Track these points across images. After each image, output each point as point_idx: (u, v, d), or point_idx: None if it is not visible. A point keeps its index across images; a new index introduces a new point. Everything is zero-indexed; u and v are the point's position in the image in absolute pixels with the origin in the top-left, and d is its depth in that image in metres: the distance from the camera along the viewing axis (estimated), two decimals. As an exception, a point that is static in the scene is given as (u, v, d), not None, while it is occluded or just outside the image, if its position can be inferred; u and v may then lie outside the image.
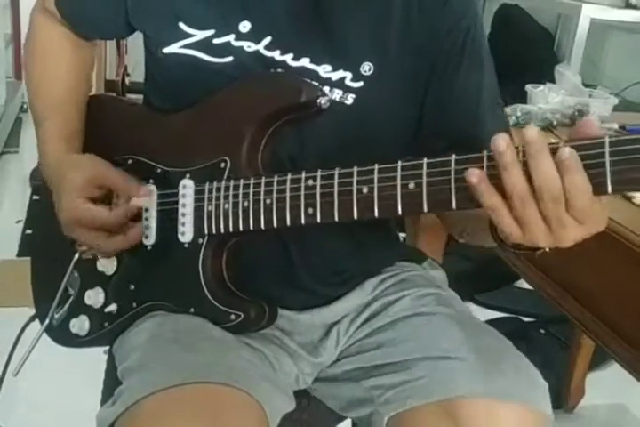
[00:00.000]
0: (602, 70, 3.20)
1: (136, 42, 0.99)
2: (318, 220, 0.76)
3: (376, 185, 0.72)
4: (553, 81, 1.77)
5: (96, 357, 0.99)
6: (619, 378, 1.15)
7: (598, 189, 0.61)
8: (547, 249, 0.71)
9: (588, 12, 2.68)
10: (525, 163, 0.63)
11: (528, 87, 1.65)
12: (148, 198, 0.89)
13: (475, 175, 0.65)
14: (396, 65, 0.89)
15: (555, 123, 1.52)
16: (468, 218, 0.83)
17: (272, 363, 0.91)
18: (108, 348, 0.96)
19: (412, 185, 0.70)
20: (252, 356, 0.87)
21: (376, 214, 0.72)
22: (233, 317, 0.85)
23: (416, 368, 0.85)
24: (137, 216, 0.90)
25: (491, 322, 2.07)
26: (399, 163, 0.71)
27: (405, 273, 1.02)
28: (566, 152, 0.61)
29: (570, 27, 2.76)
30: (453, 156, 0.68)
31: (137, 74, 3.34)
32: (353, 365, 0.93)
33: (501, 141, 0.63)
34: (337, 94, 0.88)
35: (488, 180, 0.65)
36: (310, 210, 0.77)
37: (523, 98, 1.71)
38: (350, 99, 0.88)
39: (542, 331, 2.01)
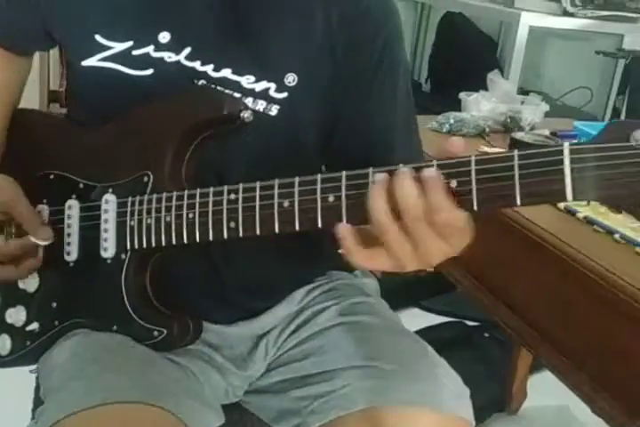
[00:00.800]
0: (542, 77, 3.26)
1: None
2: (240, 234, 0.76)
3: (296, 198, 0.72)
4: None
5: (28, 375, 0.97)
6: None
7: (508, 202, 0.62)
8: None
9: (527, 20, 2.74)
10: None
11: (462, 95, 1.68)
12: (45, 242, 0.87)
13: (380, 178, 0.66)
14: (319, 75, 0.90)
15: (487, 130, 1.55)
16: None
17: (198, 378, 0.90)
18: (35, 366, 0.95)
19: (331, 198, 0.70)
20: (177, 372, 0.86)
21: (297, 228, 0.72)
22: (156, 333, 0.84)
23: (340, 378, 0.86)
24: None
25: (436, 327, 2.12)
26: (318, 175, 0.71)
27: (335, 282, 1.03)
28: (430, 171, 0.63)
29: (511, 34, 2.80)
30: (371, 169, 0.68)
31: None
32: (282, 376, 0.94)
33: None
34: (261, 105, 0.88)
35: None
36: (232, 224, 0.76)
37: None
38: (274, 110, 0.88)
39: (486, 335, 2.04)
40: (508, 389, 1.82)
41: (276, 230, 0.73)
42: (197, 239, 0.79)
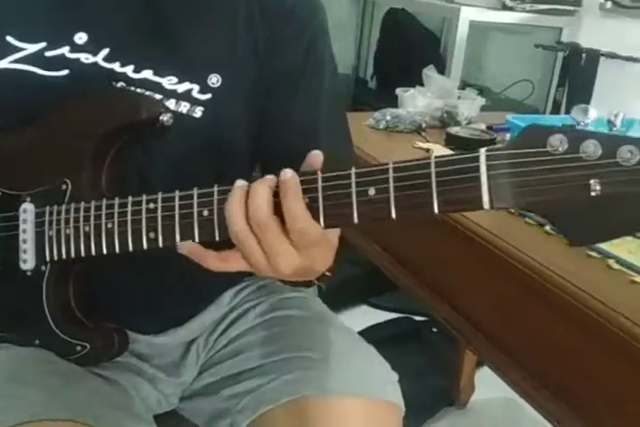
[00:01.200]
0: (485, 71, 3.29)
1: None
2: (160, 244, 0.74)
3: (216, 207, 0.70)
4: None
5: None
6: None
7: (425, 210, 0.61)
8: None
9: (467, 15, 2.75)
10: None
11: (398, 91, 1.68)
12: None
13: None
14: (243, 76, 0.88)
15: (424, 125, 1.55)
16: None
17: (127, 391, 0.88)
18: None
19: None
20: (103, 386, 0.84)
21: (217, 237, 0.70)
22: (79, 348, 0.82)
23: (267, 372, 0.86)
24: None
25: (384, 323, 2.12)
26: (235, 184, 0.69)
27: (263, 280, 1.02)
28: (287, 175, 0.64)
29: (452, 29, 2.82)
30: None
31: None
32: (213, 377, 0.93)
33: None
34: (184, 107, 0.86)
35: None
36: (152, 234, 0.74)
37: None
38: (198, 111, 0.86)
39: (434, 329, 2.05)
40: (456, 383, 1.83)
41: (197, 240, 0.72)
42: (117, 250, 0.77)
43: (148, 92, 0.85)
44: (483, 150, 0.58)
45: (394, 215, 0.62)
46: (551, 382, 0.99)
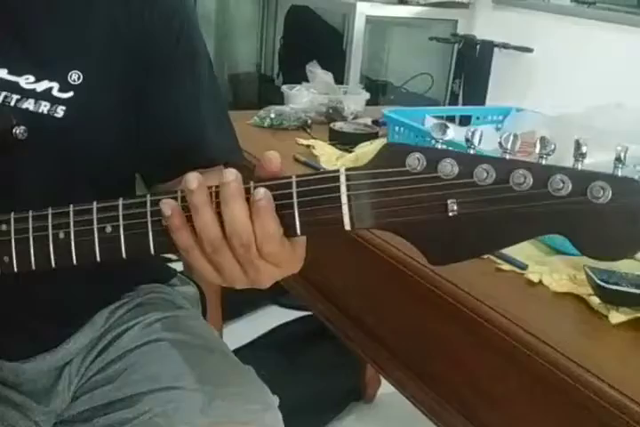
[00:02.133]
0: (386, 65, 3.32)
1: None
2: (15, 269, 0.69)
3: (72, 229, 0.66)
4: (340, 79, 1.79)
5: None
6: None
7: (288, 232, 0.59)
8: None
9: (363, 10, 2.78)
10: (219, 205, 0.59)
11: (284, 88, 1.66)
12: None
13: (168, 205, 0.60)
14: (106, 71, 0.84)
15: (309, 122, 1.54)
16: None
17: None
18: None
19: (109, 228, 0.65)
20: None
21: (74, 262, 0.66)
22: None
23: (141, 403, 0.82)
24: None
25: (292, 322, 2.10)
26: (94, 204, 0.66)
27: (142, 297, 0.97)
28: (261, 193, 0.58)
29: (351, 25, 2.83)
30: (148, 196, 0.63)
31: None
32: (86, 405, 0.88)
33: (193, 179, 0.59)
34: (44, 107, 0.81)
35: (184, 218, 0.60)
36: (6, 258, 0.69)
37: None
38: (60, 111, 0.81)
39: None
40: (362, 378, 1.83)
41: (53, 265, 0.67)
42: None
43: (4, 93, 0.80)
44: (342, 169, 0.57)
45: None
46: (427, 374, 1.00)
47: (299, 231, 0.58)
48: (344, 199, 0.56)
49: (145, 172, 0.94)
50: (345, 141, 1.42)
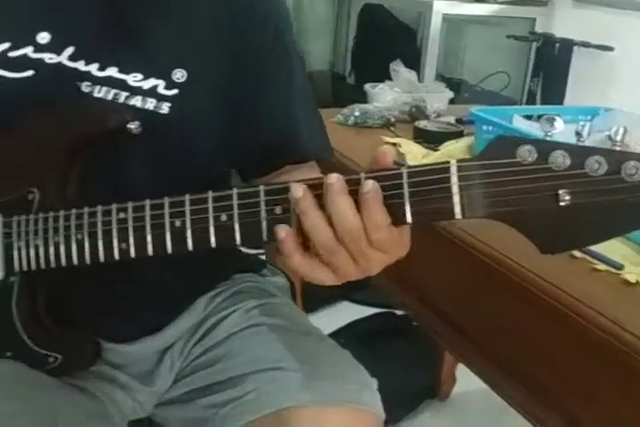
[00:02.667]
0: (462, 63, 3.30)
1: None
2: (132, 255, 0.73)
3: (188, 217, 0.69)
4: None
5: None
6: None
7: (398, 221, 0.61)
8: None
9: (440, 8, 2.77)
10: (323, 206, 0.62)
11: (367, 87, 1.68)
12: None
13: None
14: (208, 70, 0.88)
15: (393, 120, 1.55)
16: None
17: (102, 400, 0.88)
18: None
19: (224, 217, 0.68)
20: (78, 396, 0.84)
21: (190, 248, 0.70)
22: (51, 359, 0.81)
23: (246, 383, 0.85)
24: None
25: (365, 319, 2.12)
26: (209, 193, 0.69)
27: (238, 286, 1.01)
28: (369, 185, 0.60)
29: (426, 23, 2.83)
30: (262, 186, 0.66)
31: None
32: (189, 386, 0.92)
33: (297, 188, 0.62)
34: (151, 104, 0.85)
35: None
36: (124, 245, 0.73)
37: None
38: (165, 108, 0.85)
39: (415, 323, 2.05)
40: (437, 375, 1.83)
41: (169, 251, 0.71)
42: (88, 261, 0.75)
43: (114, 90, 0.84)
44: (453, 161, 0.59)
45: None
46: (519, 371, 1.00)
47: (409, 220, 0.61)
48: (455, 189, 0.58)
49: (241, 167, 0.98)
50: (429, 140, 1.43)
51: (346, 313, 2.19)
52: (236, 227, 0.67)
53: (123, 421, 0.88)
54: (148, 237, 0.72)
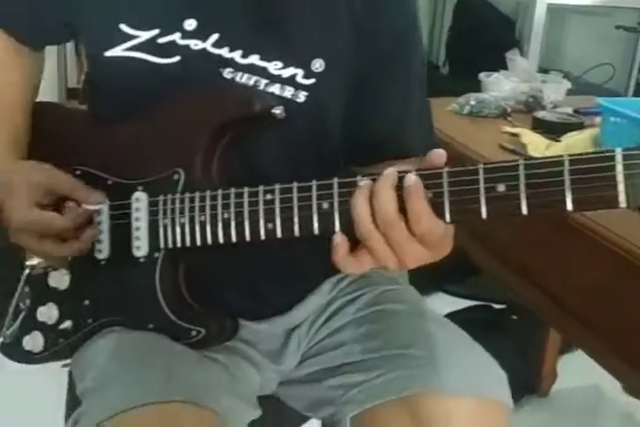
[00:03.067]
0: (563, 54, 3.21)
1: None
2: (279, 235, 0.75)
3: (336, 200, 0.71)
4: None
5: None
6: (590, 360, 1.17)
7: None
8: None
9: (545, -2, 2.70)
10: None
11: (481, 76, 1.66)
12: (100, 206, 0.86)
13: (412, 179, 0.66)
14: (344, 61, 0.89)
15: (509, 110, 1.53)
16: None
17: (235, 374, 0.90)
18: (67, 362, 0.96)
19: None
20: (215, 369, 0.86)
21: (337, 229, 0.71)
22: (194, 333, 0.83)
23: (373, 367, 0.86)
24: (89, 223, 0.87)
25: (462, 311, 2.10)
26: (358, 177, 0.70)
27: None
28: (411, 179, 0.65)
29: (528, 13, 2.77)
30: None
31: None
32: (315, 366, 0.94)
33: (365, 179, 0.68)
34: (288, 92, 0.87)
35: None
36: (270, 225, 0.75)
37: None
38: (302, 96, 0.87)
39: (514, 317, 2.02)
40: (538, 371, 1.81)
41: (316, 232, 0.73)
42: (234, 239, 0.78)
43: (255, 77, 0.86)
44: (619, 150, 0.59)
45: (525, 212, 0.62)
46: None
47: (570, 208, 0.60)
48: (620, 178, 0.58)
49: (346, 154, 0.98)
50: (549, 130, 1.41)
51: (440, 305, 2.17)
52: None
53: (251, 396, 0.90)
54: (295, 218, 0.73)
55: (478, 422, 0.81)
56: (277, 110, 0.80)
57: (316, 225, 0.72)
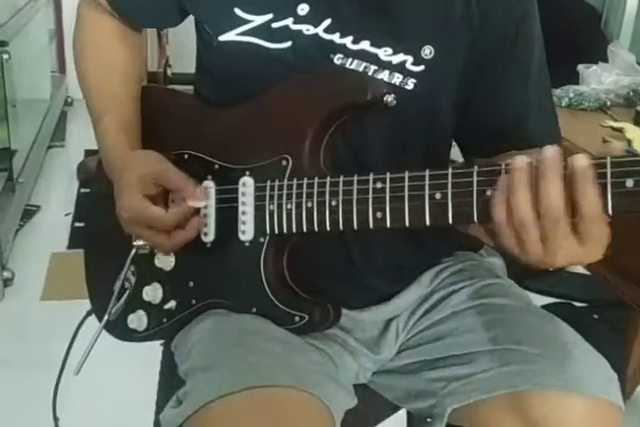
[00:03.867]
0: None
1: (177, 33, 0.97)
2: (388, 224, 0.74)
3: (450, 191, 0.70)
4: (604, 60, 1.73)
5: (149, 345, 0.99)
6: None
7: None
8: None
9: (637, -12, 2.62)
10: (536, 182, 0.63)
11: (580, 67, 1.62)
12: (203, 202, 0.87)
13: (523, 161, 0.64)
14: (455, 49, 0.88)
15: (608, 103, 1.49)
16: None
17: (334, 361, 0.91)
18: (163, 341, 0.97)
19: (489, 192, 0.67)
20: (316, 356, 0.86)
21: (450, 221, 0.70)
22: (297, 319, 0.84)
23: (480, 361, 0.85)
24: (197, 211, 0.88)
25: (544, 307, 2.06)
26: (475, 168, 0.69)
27: (462, 263, 1.01)
28: (582, 165, 0.61)
29: (617, 4, 2.68)
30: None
31: (178, 65, 3.34)
32: (413, 358, 0.93)
33: (520, 160, 0.64)
34: (397, 79, 0.86)
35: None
36: (379, 214, 0.74)
37: (571, 78, 1.67)
38: (411, 84, 0.86)
39: (595, 316, 1.98)
40: (623, 372, 1.76)
41: (427, 223, 0.71)
42: (341, 227, 0.77)
43: (364, 63, 0.86)
44: None
45: None
46: None
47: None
48: None
49: (466, 145, 0.97)
50: (653, 126, 1.36)
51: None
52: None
53: (348, 384, 0.90)
54: (406, 209, 0.72)
55: (590, 422, 0.79)
56: (389, 97, 0.79)
57: (427, 215, 0.71)
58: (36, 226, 2.59)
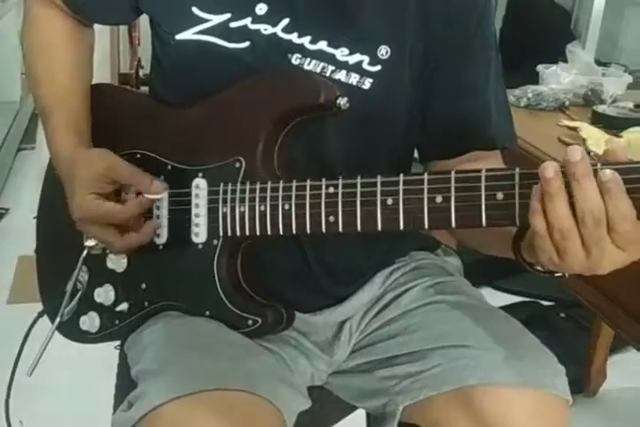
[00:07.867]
0: (619, 47, 3.14)
1: (149, 34, 0.95)
2: (340, 229, 0.74)
3: (401, 197, 0.70)
4: (565, 61, 1.74)
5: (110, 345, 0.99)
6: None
7: None
8: (566, 275, 0.67)
9: (604, -11, 2.65)
10: (567, 184, 0.60)
11: (539, 68, 1.63)
12: (160, 195, 0.86)
13: (552, 168, 0.60)
14: (412, 48, 0.88)
15: (567, 103, 1.50)
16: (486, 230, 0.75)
17: (289, 365, 0.91)
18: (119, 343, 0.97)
19: (439, 199, 0.68)
20: (270, 359, 0.86)
21: (401, 226, 0.70)
22: (250, 322, 0.83)
23: (430, 358, 0.85)
24: (149, 212, 0.88)
25: (510, 307, 2.08)
26: (425, 175, 0.69)
27: (416, 262, 1.01)
28: (607, 174, 0.59)
29: (586, 5, 2.71)
30: (483, 171, 0.66)
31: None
32: (366, 358, 0.93)
33: (549, 167, 0.60)
34: (354, 79, 0.86)
35: (562, 182, 0.61)
36: (332, 218, 0.75)
37: (535, 78, 1.68)
38: (367, 83, 0.86)
39: (562, 315, 1.99)
40: (587, 370, 1.77)
41: (379, 228, 0.71)
42: (294, 231, 0.77)
43: (322, 64, 0.85)
44: None
45: None
46: None
47: None
48: None
49: (425, 148, 0.96)
50: (609, 125, 1.37)
51: (488, 300, 2.15)
52: (452, 210, 0.67)
53: (302, 386, 0.90)
54: (358, 213, 0.72)
55: (537, 417, 0.80)
56: (342, 100, 0.79)
57: (379, 221, 0.71)
58: (5, 229, 2.57)
